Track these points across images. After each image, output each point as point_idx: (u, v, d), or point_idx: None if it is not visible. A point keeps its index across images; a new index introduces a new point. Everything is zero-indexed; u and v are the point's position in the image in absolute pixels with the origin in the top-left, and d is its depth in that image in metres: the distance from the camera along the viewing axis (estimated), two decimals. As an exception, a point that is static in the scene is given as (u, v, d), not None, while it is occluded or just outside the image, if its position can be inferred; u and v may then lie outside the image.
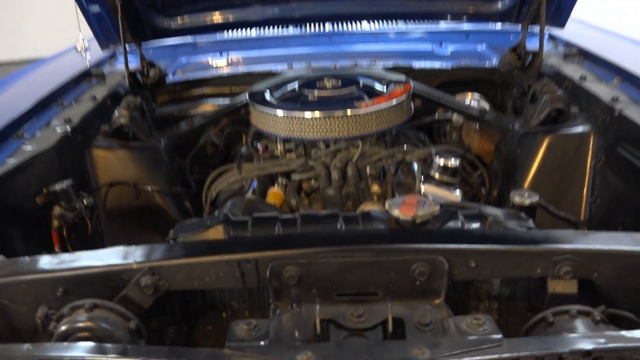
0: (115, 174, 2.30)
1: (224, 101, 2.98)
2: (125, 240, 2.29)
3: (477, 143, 2.70)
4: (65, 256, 1.42)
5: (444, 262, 1.32)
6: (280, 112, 2.22)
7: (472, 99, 2.89)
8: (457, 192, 2.22)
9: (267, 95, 2.41)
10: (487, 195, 2.41)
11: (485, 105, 2.81)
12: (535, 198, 1.90)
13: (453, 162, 2.23)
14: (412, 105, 2.41)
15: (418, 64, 2.97)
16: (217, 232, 1.44)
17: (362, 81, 2.44)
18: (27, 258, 1.43)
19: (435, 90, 2.69)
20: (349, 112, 2.16)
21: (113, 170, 2.30)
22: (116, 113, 2.37)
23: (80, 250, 2.00)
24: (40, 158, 1.99)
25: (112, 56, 3.16)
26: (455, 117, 2.74)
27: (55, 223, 1.96)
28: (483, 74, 2.99)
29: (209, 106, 2.99)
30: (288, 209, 2.23)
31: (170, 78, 3.03)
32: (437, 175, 2.24)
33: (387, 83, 2.42)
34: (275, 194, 2.26)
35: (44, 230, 1.98)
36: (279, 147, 2.33)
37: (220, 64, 3.28)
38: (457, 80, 3.05)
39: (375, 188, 2.27)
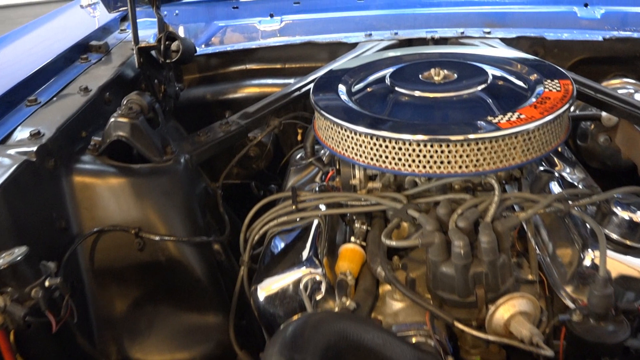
0: (108, 215, 1.52)
1: (274, 82, 2.19)
2: (124, 332, 1.57)
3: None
4: None
5: None
6: (361, 129, 1.37)
7: (631, 88, 2.00)
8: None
9: (342, 93, 1.55)
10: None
11: (657, 98, 1.90)
12: None
13: (645, 217, 1.36)
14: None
15: (553, 34, 2.10)
16: None
17: (490, 72, 1.55)
18: None
19: (589, 80, 1.79)
20: (474, 135, 1.29)
21: (104, 209, 1.51)
22: (111, 120, 1.57)
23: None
24: None
25: (124, 18, 2.33)
26: (606, 114, 1.88)
27: (-1, 320, 1.21)
28: None
29: (253, 88, 2.22)
30: (370, 278, 1.40)
31: (202, 49, 2.23)
32: (614, 235, 1.37)
33: (533, 78, 1.53)
34: (351, 253, 1.43)
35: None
36: (358, 174, 1.49)
37: (270, 28, 2.42)
38: (606, 57, 2.15)
39: None
